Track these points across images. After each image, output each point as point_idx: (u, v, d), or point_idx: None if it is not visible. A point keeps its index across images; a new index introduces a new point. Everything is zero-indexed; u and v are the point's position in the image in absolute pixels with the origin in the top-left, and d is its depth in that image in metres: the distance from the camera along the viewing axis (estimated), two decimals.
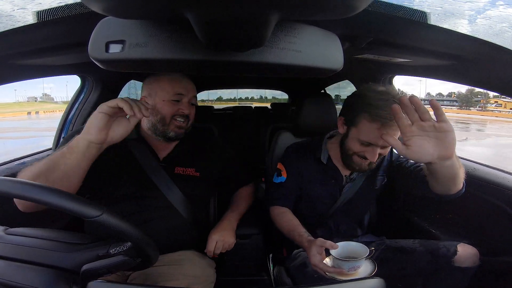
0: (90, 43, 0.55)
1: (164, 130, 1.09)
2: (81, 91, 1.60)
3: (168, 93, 1.07)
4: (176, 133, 1.10)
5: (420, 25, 0.71)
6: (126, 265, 0.64)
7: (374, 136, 1.00)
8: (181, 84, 1.09)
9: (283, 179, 1.25)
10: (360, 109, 1.03)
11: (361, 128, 1.04)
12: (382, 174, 1.25)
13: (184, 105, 1.09)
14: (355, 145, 1.07)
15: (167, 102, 1.07)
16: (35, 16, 0.66)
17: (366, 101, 1.01)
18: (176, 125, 1.09)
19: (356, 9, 0.45)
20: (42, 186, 0.59)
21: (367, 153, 1.06)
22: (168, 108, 1.07)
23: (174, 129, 1.09)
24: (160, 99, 1.07)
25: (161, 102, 1.07)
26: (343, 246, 0.94)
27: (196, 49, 0.56)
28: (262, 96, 25.56)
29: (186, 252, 1.11)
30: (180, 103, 1.09)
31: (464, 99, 46.13)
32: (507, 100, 35.77)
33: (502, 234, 1.03)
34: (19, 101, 43.13)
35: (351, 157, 1.11)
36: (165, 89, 1.07)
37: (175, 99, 1.08)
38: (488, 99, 44.22)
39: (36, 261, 0.60)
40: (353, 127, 1.07)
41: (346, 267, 0.88)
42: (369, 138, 1.02)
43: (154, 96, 1.08)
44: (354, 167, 1.13)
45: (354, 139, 1.07)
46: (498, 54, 0.76)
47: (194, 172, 1.16)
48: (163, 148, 1.15)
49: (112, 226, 0.60)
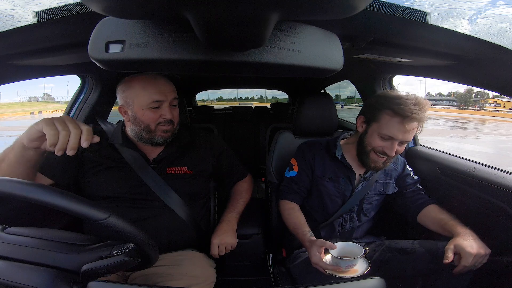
0: (90, 43, 0.54)
1: (150, 137, 1.06)
2: (81, 91, 1.60)
3: (146, 101, 1.01)
4: (163, 137, 1.07)
5: (420, 25, 0.71)
6: (126, 265, 0.64)
7: (395, 129, 1.07)
8: (157, 89, 1.02)
9: (294, 173, 1.30)
10: (382, 106, 1.10)
11: (382, 122, 1.10)
12: (393, 181, 1.30)
13: (165, 110, 1.04)
14: (375, 140, 1.13)
15: (146, 111, 1.02)
16: (35, 16, 0.65)
17: (389, 99, 1.09)
18: (162, 130, 1.06)
19: (356, 9, 0.45)
20: (51, 188, 0.59)
21: (385, 148, 1.11)
22: (150, 116, 1.03)
23: (160, 135, 1.06)
24: (139, 108, 1.02)
25: (141, 111, 1.02)
26: (341, 246, 1.03)
27: (196, 49, 0.56)
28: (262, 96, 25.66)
29: (186, 252, 1.11)
30: (161, 109, 1.04)
31: (462, 98, 46.36)
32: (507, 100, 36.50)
33: (502, 234, 1.03)
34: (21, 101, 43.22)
35: (368, 153, 1.16)
36: (141, 96, 1.01)
37: (154, 106, 1.02)
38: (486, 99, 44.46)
39: (36, 261, 0.60)
40: (373, 123, 1.13)
41: (343, 265, 0.97)
42: (390, 131, 1.08)
43: (131, 105, 1.03)
44: (370, 164, 1.17)
45: (374, 134, 1.13)
46: (498, 54, 0.76)
47: (186, 170, 1.14)
48: (152, 150, 1.12)
49: (117, 229, 0.60)
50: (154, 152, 1.13)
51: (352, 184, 1.26)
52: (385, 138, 1.10)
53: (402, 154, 1.49)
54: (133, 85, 1.02)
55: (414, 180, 1.31)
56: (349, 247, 1.04)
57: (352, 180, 1.26)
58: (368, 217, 1.30)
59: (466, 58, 0.90)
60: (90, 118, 1.55)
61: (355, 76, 1.79)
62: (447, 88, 72.79)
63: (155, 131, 1.05)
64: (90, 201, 0.60)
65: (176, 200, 1.09)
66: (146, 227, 1.02)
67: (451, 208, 1.20)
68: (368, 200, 1.28)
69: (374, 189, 1.27)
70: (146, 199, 1.06)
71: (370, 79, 1.62)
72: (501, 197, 1.04)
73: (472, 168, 1.19)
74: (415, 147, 1.58)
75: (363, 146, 1.17)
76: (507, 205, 1.02)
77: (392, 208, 1.36)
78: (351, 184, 1.25)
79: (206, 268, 1.10)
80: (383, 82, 1.63)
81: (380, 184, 1.28)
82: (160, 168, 1.11)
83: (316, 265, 0.99)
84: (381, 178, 1.28)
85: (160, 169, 1.10)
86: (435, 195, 1.30)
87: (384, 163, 1.16)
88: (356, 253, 1.01)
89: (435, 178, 1.34)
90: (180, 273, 1.00)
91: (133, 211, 1.05)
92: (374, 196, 1.28)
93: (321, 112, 1.49)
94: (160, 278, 0.97)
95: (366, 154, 1.16)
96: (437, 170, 1.34)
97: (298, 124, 1.51)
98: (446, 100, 48.70)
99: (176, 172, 1.12)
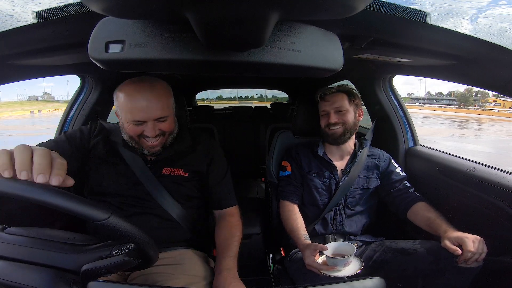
0: (90, 43, 0.54)
1: (138, 147, 1.06)
2: (81, 91, 1.60)
3: (127, 117, 1.00)
4: (150, 151, 1.07)
5: (420, 25, 0.71)
6: (126, 265, 0.64)
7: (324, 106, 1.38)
8: (139, 107, 0.98)
9: (289, 172, 1.43)
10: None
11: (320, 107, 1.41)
12: (376, 176, 1.38)
13: (148, 128, 1.01)
14: (321, 120, 1.39)
15: (130, 124, 1.01)
16: (35, 16, 0.65)
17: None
18: (148, 145, 1.05)
19: (356, 9, 0.45)
20: (51, 188, 0.59)
21: (326, 118, 1.37)
22: (133, 130, 1.02)
23: (147, 148, 1.06)
24: (125, 120, 1.02)
25: (126, 123, 1.02)
26: (333, 246, 1.10)
27: (195, 49, 0.56)
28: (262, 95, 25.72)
29: (185, 251, 1.11)
30: (144, 125, 1.01)
31: (462, 98, 46.51)
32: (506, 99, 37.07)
33: (501, 234, 1.03)
34: (21, 100, 43.07)
35: (323, 130, 1.38)
36: (124, 111, 1.00)
37: (137, 124, 1.01)
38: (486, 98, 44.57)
39: (36, 261, 0.60)
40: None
41: (340, 264, 1.02)
42: (321, 109, 1.39)
43: (119, 115, 1.04)
44: (330, 135, 1.36)
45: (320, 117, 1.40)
46: (498, 54, 0.76)
47: (182, 172, 1.13)
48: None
49: (117, 229, 0.60)
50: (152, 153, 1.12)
51: (335, 177, 1.37)
52: (323, 115, 1.38)
53: (396, 152, 1.51)
54: (121, 95, 1.00)
55: (400, 176, 1.37)
56: (341, 246, 1.10)
57: (335, 174, 1.38)
58: (354, 210, 1.36)
59: (466, 58, 0.90)
60: (90, 118, 1.55)
61: (355, 76, 1.79)
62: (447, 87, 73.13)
63: (141, 144, 1.05)
64: (91, 201, 0.60)
65: (169, 200, 1.09)
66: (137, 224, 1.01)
67: (451, 208, 1.20)
68: (352, 194, 1.36)
69: (357, 183, 1.37)
70: (139, 197, 1.08)
71: (370, 79, 1.62)
72: (500, 197, 1.04)
73: (472, 168, 1.19)
74: (415, 147, 1.58)
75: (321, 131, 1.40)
76: (506, 205, 1.02)
77: (388, 207, 1.36)
78: (334, 178, 1.37)
79: (205, 267, 1.10)
80: (383, 82, 1.63)
81: (363, 179, 1.38)
82: (156, 168, 1.11)
83: (310, 266, 1.06)
84: (363, 173, 1.38)
85: (156, 170, 1.11)
86: (434, 195, 1.30)
87: (331, 128, 1.35)
88: (348, 251, 1.06)
89: (435, 178, 1.34)
90: (179, 272, 1.01)
91: (126, 207, 1.07)
92: (357, 190, 1.37)
93: None
94: (160, 278, 0.97)
95: (326, 134, 1.37)
96: (436, 169, 1.34)
97: (298, 124, 1.52)
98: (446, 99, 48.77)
99: (172, 173, 1.12)
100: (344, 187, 1.34)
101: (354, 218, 1.36)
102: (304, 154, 1.43)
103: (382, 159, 1.40)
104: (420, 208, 1.24)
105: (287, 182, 1.41)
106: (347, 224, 1.34)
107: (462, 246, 0.95)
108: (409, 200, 1.29)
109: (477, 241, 0.94)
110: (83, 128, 1.15)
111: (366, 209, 1.38)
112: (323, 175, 1.38)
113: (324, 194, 1.36)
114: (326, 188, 1.37)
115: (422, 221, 1.19)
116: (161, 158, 1.12)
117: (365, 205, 1.38)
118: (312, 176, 1.38)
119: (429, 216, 1.17)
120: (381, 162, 1.39)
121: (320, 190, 1.37)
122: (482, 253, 0.94)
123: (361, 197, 1.36)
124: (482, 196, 1.11)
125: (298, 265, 1.19)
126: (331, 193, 1.36)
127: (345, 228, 1.34)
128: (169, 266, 1.02)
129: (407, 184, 1.35)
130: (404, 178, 1.36)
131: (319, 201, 1.36)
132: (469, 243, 0.94)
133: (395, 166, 1.39)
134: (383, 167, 1.39)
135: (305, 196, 1.40)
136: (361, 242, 1.32)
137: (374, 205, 1.41)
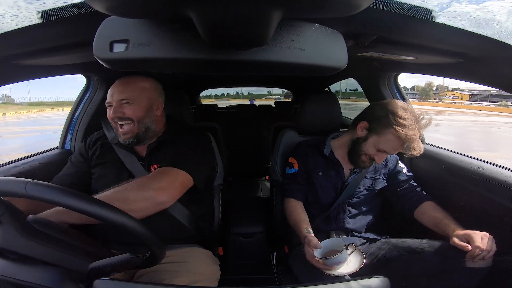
0: (95, 43, 0.55)
1: (118, 135, 1.11)
2: (87, 90, 1.62)
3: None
4: (123, 139, 1.10)
5: (425, 23, 0.70)
6: (132, 264, 0.64)
7: (392, 148, 1.18)
8: (111, 92, 1.09)
9: (296, 170, 1.39)
10: (389, 124, 1.15)
11: (384, 139, 1.18)
12: (383, 177, 1.36)
13: (113, 108, 1.07)
14: (371, 150, 1.22)
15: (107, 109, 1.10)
16: (40, 16, 0.66)
17: (395, 116, 1.14)
18: (120, 132, 1.09)
19: (359, 7, 0.44)
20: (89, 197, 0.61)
21: (377, 157, 1.22)
22: (108, 113, 1.09)
23: (120, 135, 1.09)
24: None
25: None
26: (325, 245, 1.07)
27: (199, 48, 0.56)
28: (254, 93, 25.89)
29: (191, 249, 1.12)
30: (111, 107, 1.08)
31: (423, 92, 48.51)
32: (464, 93, 42.55)
33: (508, 233, 1.02)
34: None
35: (360, 156, 1.25)
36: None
37: (109, 106, 1.09)
38: (445, 92, 47.66)
39: (44, 259, 0.61)
40: (375, 135, 1.20)
41: (329, 264, 1.00)
42: (388, 148, 1.19)
43: None
44: (359, 164, 1.27)
45: (372, 145, 1.21)
46: (505, 52, 0.75)
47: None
48: (141, 148, 1.15)
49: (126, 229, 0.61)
50: (143, 150, 1.16)
51: (342, 177, 1.34)
52: (380, 151, 1.20)
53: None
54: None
55: (407, 176, 1.35)
56: (333, 242, 1.08)
57: (342, 174, 1.34)
58: (358, 210, 1.34)
59: (473, 56, 0.89)
60: (95, 117, 1.56)
61: (359, 74, 1.78)
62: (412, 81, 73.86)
63: (116, 130, 1.10)
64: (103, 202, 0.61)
65: None
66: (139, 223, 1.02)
67: (457, 207, 1.19)
68: (357, 195, 1.34)
69: (363, 184, 1.35)
70: None
71: (375, 77, 1.61)
72: (507, 197, 1.03)
73: (479, 166, 1.17)
74: None
75: (357, 149, 1.26)
76: None
77: (393, 207, 1.35)
78: (341, 178, 1.34)
79: (210, 265, 1.10)
80: (388, 80, 1.61)
81: (369, 180, 1.35)
82: (147, 165, 1.13)
83: (310, 262, 1.06)
84: (370, 174, 1.35)
85: (147, 166, 1.13)
86: (440, 194, 1.28)
87: (370, 164, 1.27)
88: (340, 246, 1.03)
89: (441, 177, 1.33)
90: (185, 270, 1.01)
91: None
92: (363, 191, 1.34)
93: (325, 111, 1.49)
94: (166, 275, 0.98)
95: (358, 156, 1.26)
96: (443, 168, 1.33)
97: (302, 123, 1.51)
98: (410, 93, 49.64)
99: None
100: (351, 188, 1.32)
101: (358, 217, 1.35)
102: (311, 152, 1.40)
103: (389, 160, 1.38)
104: (428, 208, 1.23)
105: (293, 180, 1.38)
106: (351, 222, 1.34)
107: (470, 242, 0.93)
108: (415, 199, 1.28)
109: (486, 238, 0.93)
110: (81, 147, 1.23)
111: (371, 208, 1.37)
112: (330, 175, 1.35)
113: (329, 194, 1.34)
114: (332, 187, 1.34)
115: (430, 221, 1.18)
116: (151, 154, 1.14)
117: (369, 205, 1.37)
118: (318, 175, 1.36)
119: (437, 216, 1.15)
120: (388, 162, 1.37)
121: (325, 190, 1.34)
122: (491, 251, 0.92)
123: (366, 198, 1.35)
124: (488, 195, 1.10)
125: (302, 262, 1.19)
126: (336, 193, 1.34)
127: (349, 226, 1.33)
128: (175, 263, 1.03)
129: (414, 183, 1.34)
130: (410, 178, 1.35)
131: (323, 200, 1.34)
132: (477, 238, 0.92)
133: (402, 167, 1.37)
134: (390, 168, 1.37)
135: (310, 194, 1.38)
136: (364, 239, 1.31)
137: (379, 204, 1.40)
